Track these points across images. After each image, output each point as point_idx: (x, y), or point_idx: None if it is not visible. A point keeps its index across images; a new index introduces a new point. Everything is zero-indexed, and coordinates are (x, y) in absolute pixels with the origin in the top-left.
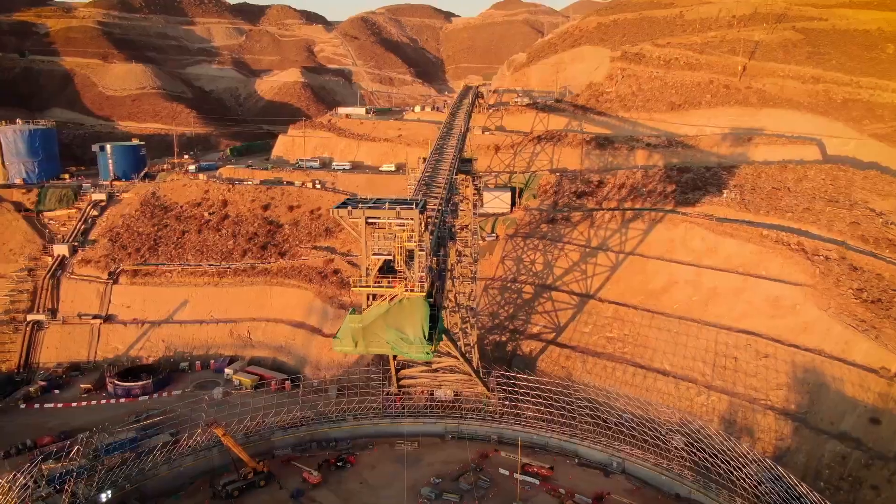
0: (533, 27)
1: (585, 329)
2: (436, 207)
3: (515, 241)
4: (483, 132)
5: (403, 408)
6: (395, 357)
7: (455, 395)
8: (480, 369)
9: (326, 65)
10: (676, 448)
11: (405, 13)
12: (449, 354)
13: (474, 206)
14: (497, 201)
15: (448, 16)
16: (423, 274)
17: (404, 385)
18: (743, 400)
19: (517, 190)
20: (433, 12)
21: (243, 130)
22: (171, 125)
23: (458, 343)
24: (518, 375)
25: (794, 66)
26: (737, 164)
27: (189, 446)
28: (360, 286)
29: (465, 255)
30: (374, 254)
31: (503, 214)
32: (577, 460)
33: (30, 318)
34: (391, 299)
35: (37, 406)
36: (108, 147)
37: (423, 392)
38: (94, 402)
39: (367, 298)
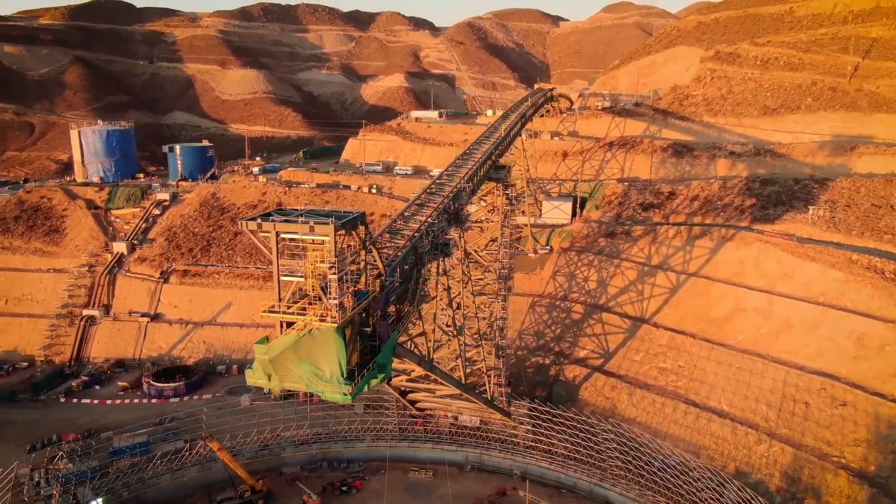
0: (644, 30)
1: (636, 357)
2: (424, 220)
3: (569, 255)
4: (552, 137)
5: (426, 431)
6: (389, 380)
7: (481, 422)
8: (502, 396)
9: (431, 70)
10: None
11: (512, 18)
12: (443, 384)
13: (504, 216)
14: (557, 211)
15: (556, 20)
16: (340, 300)
17: (423, 408)
18: (811, 454)
19: (579, 200)
20: (541, 16)
21: (345, 134)
22: (279, 128)
23: (459, 372)
24: (539, 407)
25: None
26: (832, 177)
27: (194, 456)
28: (271, 312)
29: (489, 272)
30: (286, 275)
31: (562, 225)
32: None
33: (84, 312)
34: (302, 329)
35: (75, 401)
36: (177, 148)
37: (446, 416)
38: (127, 401)
39: (281, 326)
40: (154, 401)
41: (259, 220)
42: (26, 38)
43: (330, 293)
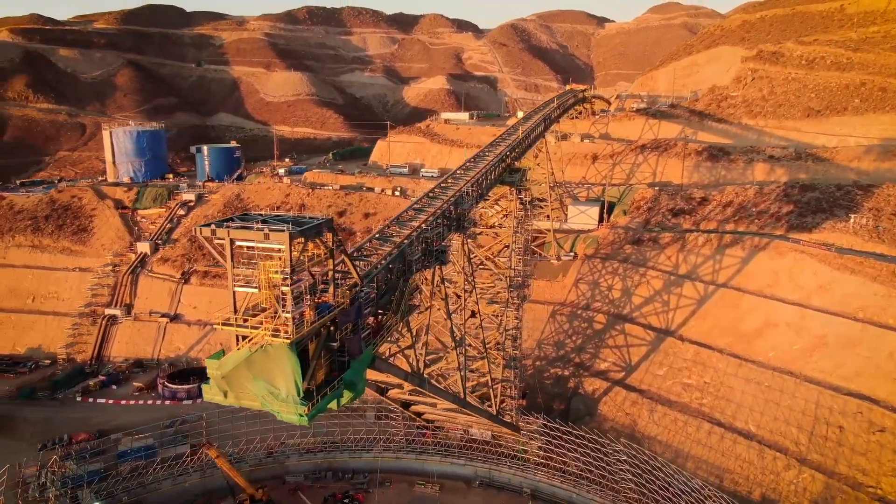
0: (691, 31)
1: (659, 371)
2: (417, 225)
3: (593, 262)
4: (582, 140)
5: (435, 443)
6: (385, 392)
7: (493, 436)
8: (512, 410)
9: (473, 72)
10: None
11: (556, 19)
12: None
13: (518, 221)
14: (583, 216)
15: (601, 21)
16: (295, 314)
17: (430, 419)
18: (844, 483)
19: (606, 205)
20: (586, 18)
21: (385, 136)
22: (320, 129)
23: (459, 386)
24: (549, 423)
25: None
26: (879, 183)
27: (196, 462)
28: (225, 324)
29: (499, 279)
30: (240, 286)
31: (588, 231)
32: None
33: (107, 312)
34: (253, 344)
35: (91, 400)
36: (204, 149)
37: (457, 427)
38: (141, 402)
39: (237, 340)
40: (167, 402)
41: (213, 227)
42: (81, 42)
43: (285, 306)
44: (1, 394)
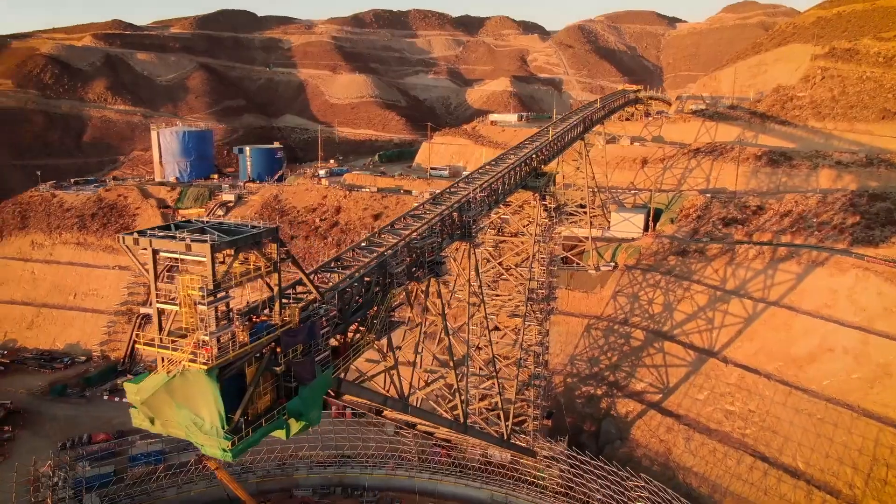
0: (768, 31)
1: (699, 395)
2: (408, 234)
3: (634, 273)
4: (632, 143)
5: (452, 463)
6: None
7: (512, 459)
8: (530, 433)
9: (538, 74)
10: None
11: (625, 20)
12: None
13: (541, 229)
14: (627, 224)
15: (672, 21)
16: (218, 335)
17: (442, 437)
18: None
19: (652, 212)
20: (656, 18)
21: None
22: (382, 132)
23: (458, 410)
24: (565, 451)
25: None
26: None
27: (201, 471)
28: (146, 344)
29: (518, 292)
30: (163, 302)
31: (632, 240)
32: None
33: (142, 310)
34: (171, 368)
35: (117, 399)
36: (246, 149)
37: (475, 447)
38: None
39: (162, 361)
40: None
41: (136, 235)
42: (157, 46)
43: (208, 326)
44: (34, 390)
